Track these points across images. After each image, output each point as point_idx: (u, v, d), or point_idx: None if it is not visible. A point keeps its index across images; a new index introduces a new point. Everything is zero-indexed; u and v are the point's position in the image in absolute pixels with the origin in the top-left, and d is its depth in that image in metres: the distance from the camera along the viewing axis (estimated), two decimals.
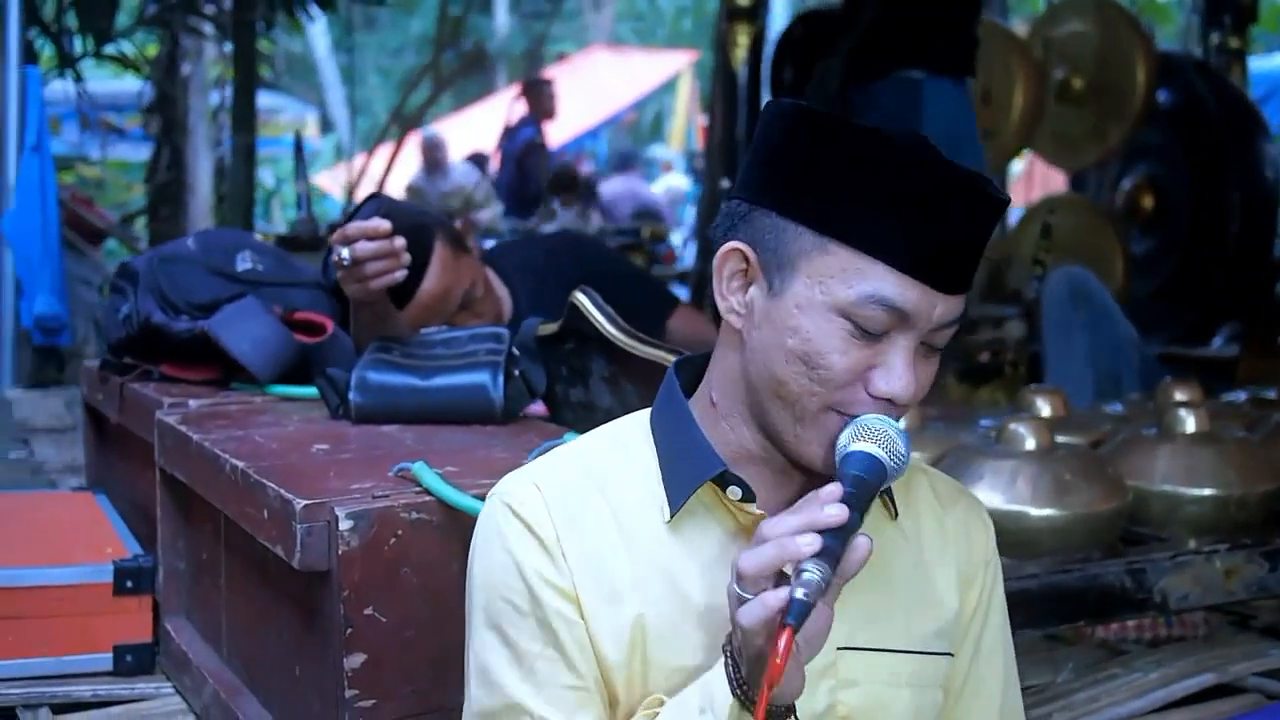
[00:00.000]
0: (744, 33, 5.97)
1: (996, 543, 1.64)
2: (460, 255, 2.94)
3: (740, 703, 1.28)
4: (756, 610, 1.22)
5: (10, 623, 2.52)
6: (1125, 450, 2.56)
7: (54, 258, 5.82)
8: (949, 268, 1.33)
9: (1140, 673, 2.44)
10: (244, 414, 2.60)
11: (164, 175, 9.49)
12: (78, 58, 8.11)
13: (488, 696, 1.43)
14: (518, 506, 1.44)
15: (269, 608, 2.19)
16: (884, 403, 1.35)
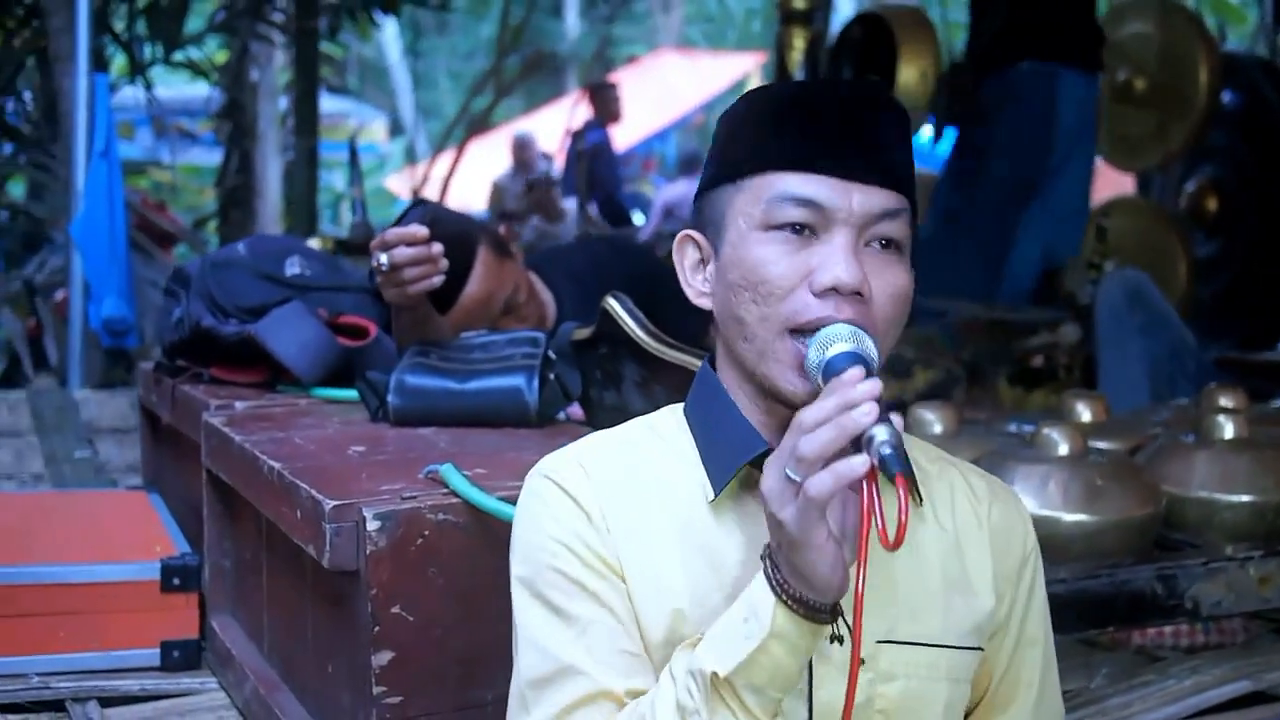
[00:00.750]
0: (800, 35, 5.95)
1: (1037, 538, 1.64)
2: (504, 260, 2.97)
3: (783, 603, 1.27)
4: (828, 479, 1.20)
5: (61, 618, 2.58)
6: (1163, 456, 2.55)
7: (121, 261, 5.92)
8: (846, 157, 1.37)
9: (1175, 679, 2.43)
10: (287, 416, 2.65)
11: (233, 180, 9.63)
12: (148, 65, 8.25)
13: (539, 663, 1.42)
14: (562, 481, 1.46)
15: (304, 606, 2.24)
16: (831, 297, 1.36)
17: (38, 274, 7.51)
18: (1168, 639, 2.62)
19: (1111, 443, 2.67)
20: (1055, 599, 2.14)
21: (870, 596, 1.43)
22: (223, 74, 9.50)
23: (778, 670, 1.28)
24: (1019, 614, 1.57)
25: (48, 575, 2.60)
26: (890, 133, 1.41)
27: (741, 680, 1.28)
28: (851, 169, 1.37)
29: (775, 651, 1.27)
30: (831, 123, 1.39)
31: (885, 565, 1.46)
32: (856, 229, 1.37)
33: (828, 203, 1.37)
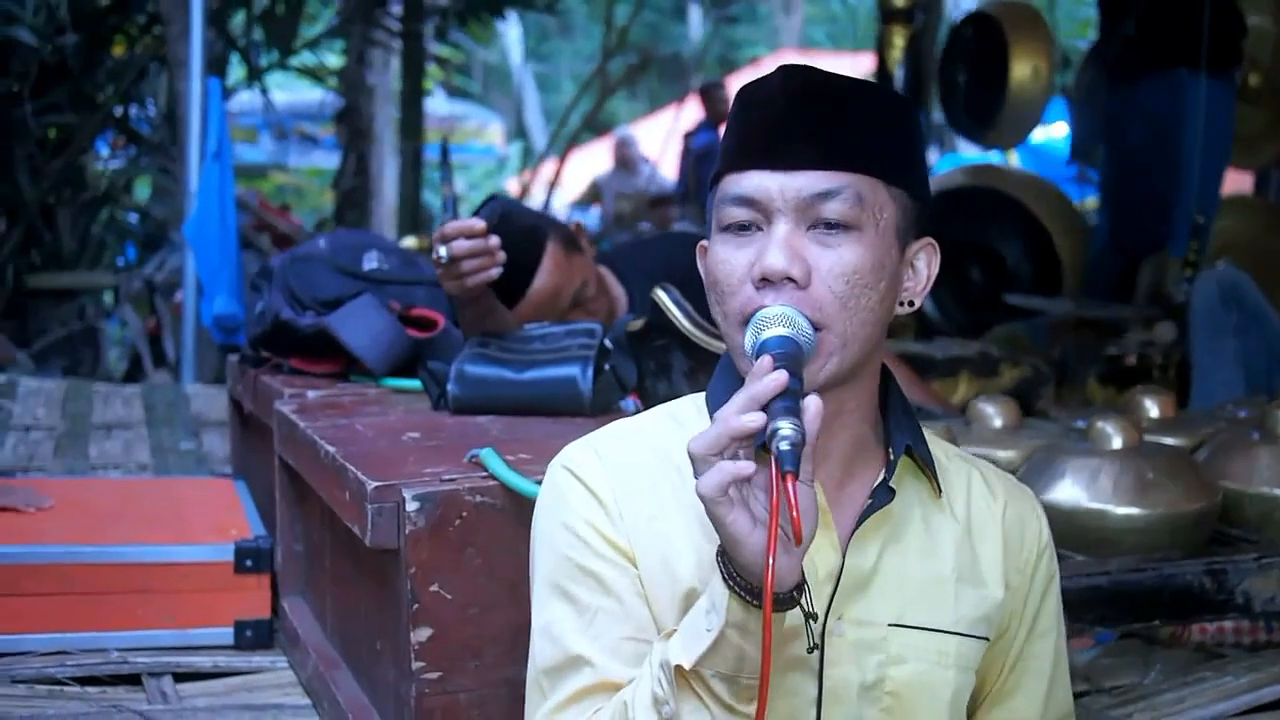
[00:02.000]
0: (899, 34, 5.94)
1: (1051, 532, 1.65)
2: (572, 255, 3.02)
3: (735, 594, 1.28)
4: (714, 477, 1.24)
5: (139, 596, 2.69)
6: (1224, 452, 2.53)
7: (232, 260, 6.09)
8: (771, 147, 1.40)
9: (1231, 676, 2.41)
10: (355, 404, 2.73)
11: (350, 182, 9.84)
12: (264, 70, 8.47)
13: (551, 652, 1.48)
14: (578, 470, 1.51)
15: (358, 586, 2.31)
16: (767, 288, 1.38)
17: (157, 273, 7.75)
18: (1228, 636, 2.59)
19: (1176, 438, 2.65)
20: (1099, 591, 2.16)
21: (882, 581, 1.47)
22: (339, 78, 9.73)
23: (742, 658, 1.30)
24: (1032, 608, 1.59)
25: (128, 555, 2.71)
26: (827, 112, 1.41)
27: (708, 670, 1.30)
28: (780, 158, 1.40)
29: (734, 640, 1.29)
30: (765, 117, 1.42)
31: (901, 552, 1.49)
32: (794, 216, 1.39)
33: (760, 196, 1.40)
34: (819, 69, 1.44)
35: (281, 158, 14.08)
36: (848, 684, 1.43)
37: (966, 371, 4.21)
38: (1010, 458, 2.59)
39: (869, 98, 1.45)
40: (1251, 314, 4.31)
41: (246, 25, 8.38)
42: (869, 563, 1.46)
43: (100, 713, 2.40)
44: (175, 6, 6.58)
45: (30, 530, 2.79)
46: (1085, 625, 2.20)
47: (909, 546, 1.49)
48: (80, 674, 2.56)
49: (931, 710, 1.49)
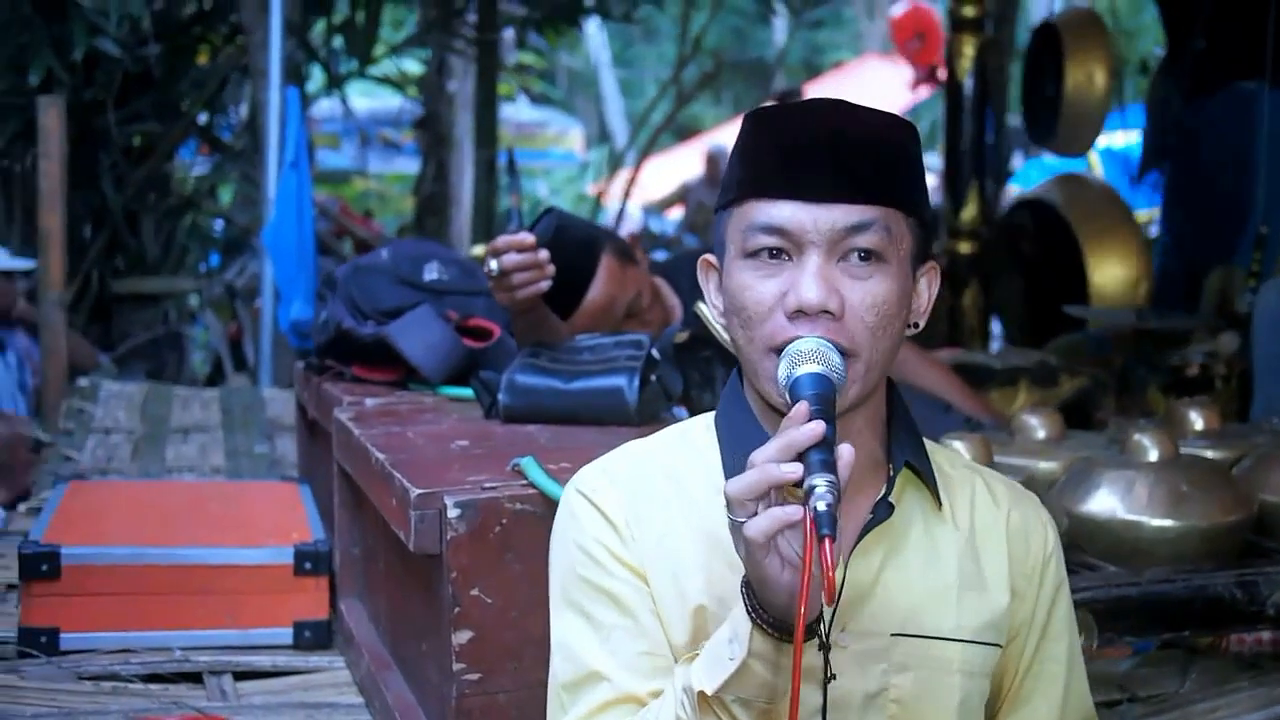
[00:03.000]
0: (969, 44, 5.94)
1: (1068, 542, 1.69)
2: (627, 266, 3.09)
3: (759, 627, 1.34)
4: (763, 523, 1.29)
5: (201, 597, 2.80)
6: (1264, 464, 2.54)
7: (309, 266, 6.20)
8: (809, 180, 1.43)
9: (1267, 687, 2.43)
10: (412, 412, 2.81)
11: (430, 187, 9.98)
12: (344, 79, 8.62)
13: (569, 668, 1.54)
14: (591, 494, 1.57)
15: (407, 589, 2.39)
16: (802, 319, 1.43)
17: (238, 279, 7.92)
18: (1266, 646, 2.60)
19: (1217, 450, 2.67)
20: (1129, 602, 2.19)
21: (884, 592, 1.52)
22: (419, 85, 9.87)
23: (761, 684, 1.36)
24: (1042, 613, 1.63)
25: (192, 557, 2.82)
26: (860, 146, 1.45)
27: (729, 695, 1.37)
28: (813, 190, 1.43)
29: (755, 669, 1.36)
30: (796, 147, 1.45)
31: (903, 564, 1.54)
32: (826, 248, 1.44)
33: (793, 227, 1.44)
34: (843, 101, 1.49)
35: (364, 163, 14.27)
36: (851, 693, 1.49)
37: (1026, 381, 4.22)
38: (1052, 469, 2.62)
39: (892, 130, 1.49)
40: None
41: (326, 34, 8.54)
42: (870, 575, 1.51)
43: (160, 709, 2.50)
44: (256, 17, 6.72)
45: (101, 532, 2.91)
46: (1116, 635, 2.24)
47: (910, 558, 1.53)
48: (144, 672, 2.66)
49: (937, 716, 1.53)
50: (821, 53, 23.06)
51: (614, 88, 20.51)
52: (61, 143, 5.38)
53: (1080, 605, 2.18)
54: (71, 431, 4.65)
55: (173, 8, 7.65)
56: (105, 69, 7.01)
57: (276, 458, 4.62)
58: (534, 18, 8.71)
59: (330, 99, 9.40)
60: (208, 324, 8.26)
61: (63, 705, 2.53)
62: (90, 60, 6.87)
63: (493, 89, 8.02)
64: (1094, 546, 2.38)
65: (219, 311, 8.12)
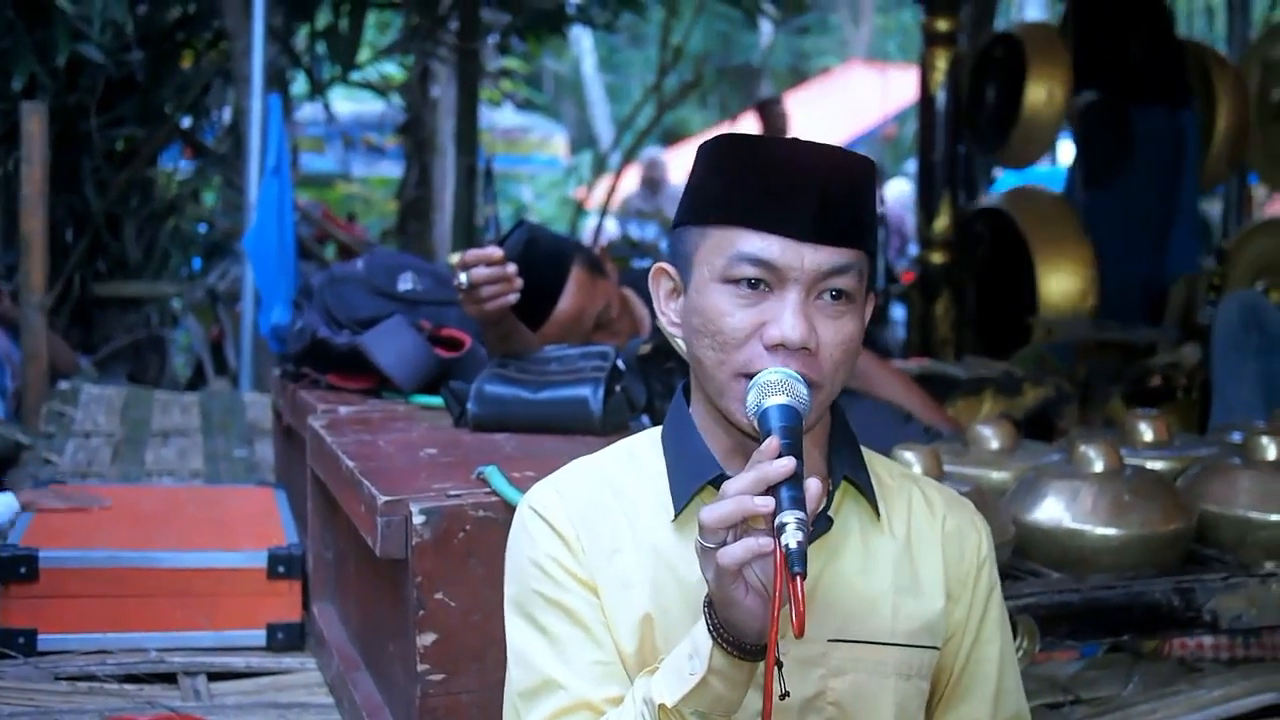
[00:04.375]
0: (942, 56, 6.03)
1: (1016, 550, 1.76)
2: (596, 278, 3.16)
3: (719, 645, 1.43)
4: (736, 552, 1.37)
5: (177, 599, 2.87)
6: (1207, 475, 2.63)
7: (290, 272, 6.27)
8: (802, 219, 1.50)
9: (1205, 690, 2.51)
10: (383, 420, 2.89)
11: (413, 192, 10.04)
12: (327, 84, 8.69)
13: (526, 677, 1.62)
14: (542, 510, 1.65)
15: (376, 592, 2.47)
16: (780, 352, 1.50)
17: (220, 283, 7.98)
18: (1208, 651, 2.69)
19: (1162, 461, 2.75)
20: (1071, 607, 2.27)
21: (822, 599, 1.60)
22: (402, 91, 9.93)
23: (718, 699, 1.45)
24: (976, 616, 1.70)
25: (167, 560, 2.90)
26: (845, 192, 1.53)
27: (688, 708, 1.45)
28: (804, 230, 1.50)
29: (714, 685, 1.44)
30: (788, 184, 1.51)
31: (839, 572, 1.62)
32: (807, 285, 1.51)
33: (781, 262, 1.50)
34: (822, 144, 1.55)
35: (347, 167, 14.32)
36: (790, 698, 1.56)
37: (990, 391, 4.30)
38: (1003, 479, 2.70)
39: (868, 176, 1.57)
40: (1273, 337, 4.38)
41: (310, 41, 8.60)
42: (808, 584, 1.59)
43: (135, 708, 2.57)
44: (240, 23, 6.79)
45: (79, 535, 2.98)
46: (1058, 639, 2.32)
47: (846, 566, 1.61)
48: (120, 672, 2.74)
49: (874, 715, 1.61)
50: (807, 58, 23.14)
51: (600, 93, 20.58)
52: (44, 147, 5.43)
53: (1024, 610, 2.28)
54: (52, 435, 4.70)
55: (156, 13, 7.71)
56: (88, 74, 7.07)
57: (255, 462, 4.68)
58: (517, 25, 8.79)
59: (314, 103, 9.47)
60: (189, 328, 8.32)
61: (40, 705, 2.59)
62: (73, 65, 6.93)
63: (474, 96, 8.09)
64: (1040, 554, 2.47)
65: (200, 316, 8.18)
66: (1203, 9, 10.68)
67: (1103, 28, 5.72)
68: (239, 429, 5.26)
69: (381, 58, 9.51)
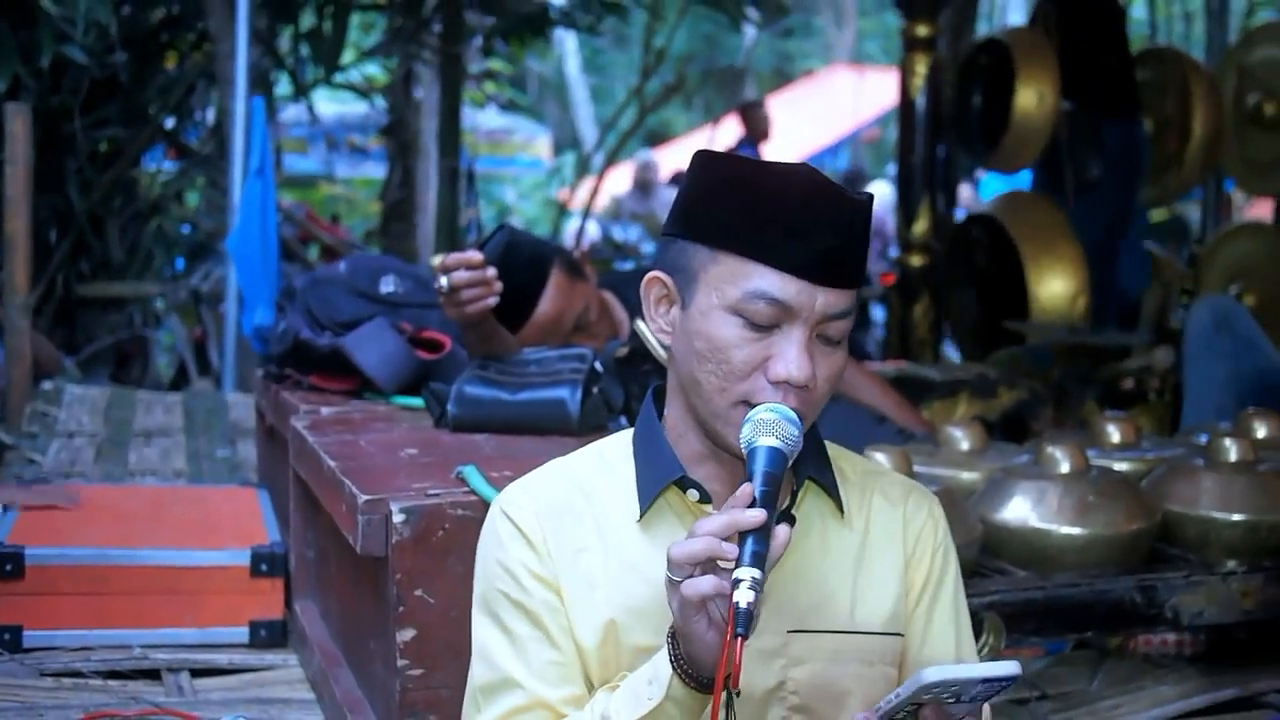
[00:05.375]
0: (922, 61, 6.09)
1: (984, 548, 1.82)
2: (575, 281, 3.21)
3: (679, 675, 1.50)
4: (699, 587, 1.43)
5: (161, 596, 2.91)
6: (1171, 476, 2.69)
7: (273, 273, 6.30)
8: (820, 264, 1.55)
9: (1167, 685, 2.58)
10: (365, 420, 2.93)
11: (396, 194, 10.07)
12: (310, 86, 8.72)
13: (487, 673, 1.69)
14: (511, 511, 1.71)
15: (357, 590, 2.51)
16: (783, 387, 1.56)
17: (203, 283, 8.01)
18: (1171, 648, 2.75)
19: (1128, 463, 2.81)
20: (1036, 605, 2.33)
21: (782, 592, 1.65)
22: (386, 93, 9.97)
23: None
24: (925, 602, 1.75)
25: (153, 558, 2.94)
26: (855, 235, 1.58)
27: None
28: (819, 273, 1.55)
29: (670, 711, 1.51)
30: (807, 224, 1.54)
31: (799, 566, 1.67)
32: (812, 325, 1.56)
33: (795, 303, 1.55)
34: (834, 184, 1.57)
35: (331, 168, 14.35)
36: (753, 688, 1.62)
37: (966, 393, 4.36)
38: (973, 479, 2.76)
39: (869, 215, 1.60)
40: (1244, 341, 4.44)
41: (293, 42, 8.63)
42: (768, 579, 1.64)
43: (119, 704, 2.62)
44: (224, 25, 6.82)
45: (64, 533, 3.02)
46: (1023, 636, 2.38)
47: (804, 559, 1.67)
48: (104, 668, 2.78)
49: (836, 702, 1.66)
50: (791, 61, 23.21)
51: (584, 94, 20.62)
52: (28, 148, 5.45)
53: (990, 607, 2.34)
54: (35, 435, 4.74)
55: (140, 14, 7.74)
56: (72, 75, 7.10)
57: (238, 462, 4.72)
58: (500, 27, 8.83)
59: (297, 104, 9.49)
60: (172, 328, 8.35)
61: (25, 700, 2.63)
62: (57, 67, 6.95)
63: (457, 99, 8.13)
64: (1007, 552, 2.53)
65: (184, 316, 8.21)
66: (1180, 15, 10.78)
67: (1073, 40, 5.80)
68: (222, 429, 5.30)
69: (365, 60, 9.54)
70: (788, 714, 1.65)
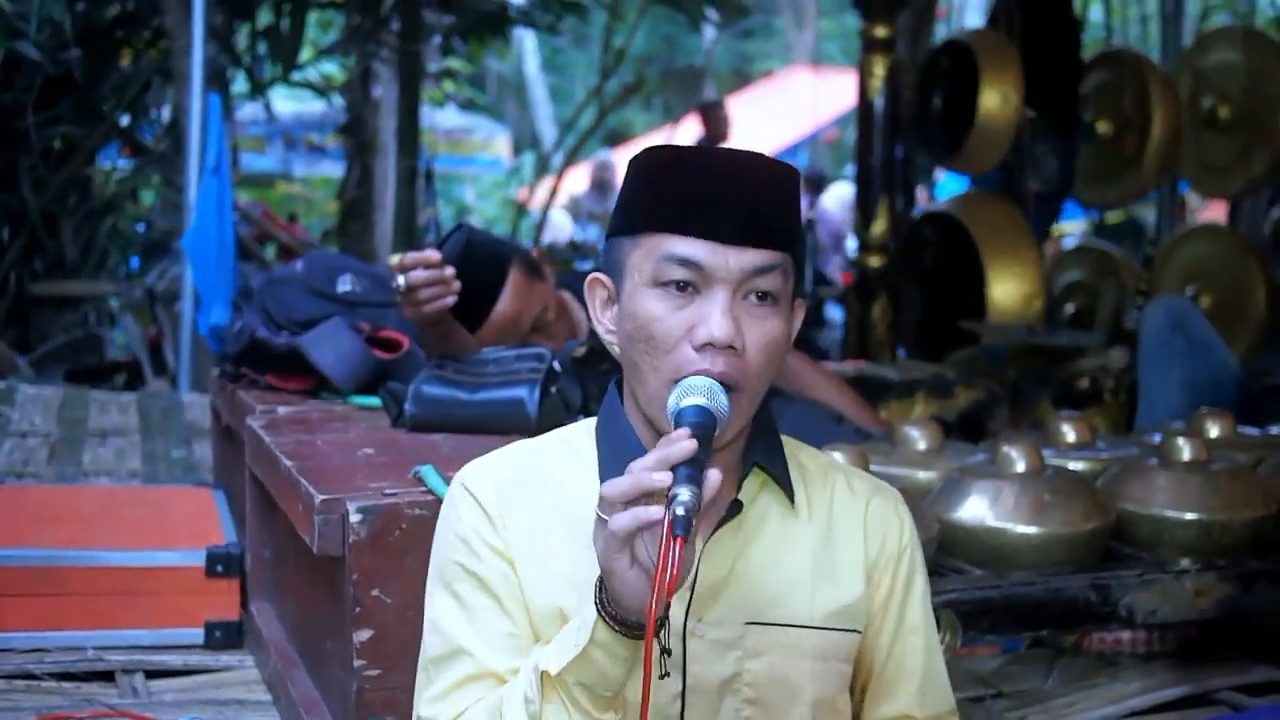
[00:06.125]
0: (880, 63, 6.11)
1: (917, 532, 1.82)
2: (534, 281, 3.20)
3: (603, 619, 1.48)
4: (625, 520, 1.42)
5: (116, 597, 2.89)
6: (1124, 475, 2.70)
7: (229, 272, 6.27)
8: (729, 223, 1.55)
9: (1121, 683, 2.60)
10: (322, 420, 2.92)
11: (354, 193, 10.04)
12: (268, 84, 8.68)
13: (438, 644, 1.68)
14: (470, 485, 1.71)
15: (313, 590, 2.50)
16: (709, 352, 1.55)
17: (159, 282, 7.96)
18: (1125, 645, 2.77)
19: (1083, 462, 2.83)
20: (991, 603, 2.34)
21: (742, 583, 1.65)
22: (344, 91, 9.93)
23: (602, 673, 1.50)
24: (896, 603, 1.75)
25: (106, 559, 2.91)
26: (768, 197, 1.59)
27: (571, 679, 1.50)
28: (729, 233, 1.56)
29: (596, 657, 1.49)
30: (714, 190, 1.57)
31: (755, 558, 1.67)
32: (733, 286, 1.57)
33: (708, 263, 1.56)
34: (749, 152, 1.61)
35: (288, 167, 14.30)
36: (708, 679, 1.62)
37: (923, 393, 4.38)
38: (930, 478, 2.77)
39: (792, 182, 1.62)
40: (1198, 341, 4.49)
41: (250, 40, 8.58)
42: (722, 571, 1.65)
43: (73, 706, 2.59)
44: (180, 22, 6.77)
45: (17, 534, 2.99)
46: (979, 634, 2.39)
47: (763, 552, 1.67)
48: (58, 670, 2.75)
49: (791, 696, 1.67)
50: (751, 61, 23.27)
51: (543, 93, 20.61)
52: None
53: (947, 605, 2.34)
54: None
55: (94, 11, 7.68)
56: (26, 72, 7.04)
57: (194, 462, 4.69)
58: (459, 26, 8.81)
59: (254, 102, 9.45)
60: (126, 327, 8.30)
61: None
62: (10, 63, 6.90)
63: (415, 98, 8.11)
64: (964, 552, 2.54)
65: (139, 315, 8.16)
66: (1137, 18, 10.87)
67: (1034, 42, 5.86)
68: (178, 429, 5.27)
69: (323, 57, 9.51)
70: (741, 705, 1.65)
